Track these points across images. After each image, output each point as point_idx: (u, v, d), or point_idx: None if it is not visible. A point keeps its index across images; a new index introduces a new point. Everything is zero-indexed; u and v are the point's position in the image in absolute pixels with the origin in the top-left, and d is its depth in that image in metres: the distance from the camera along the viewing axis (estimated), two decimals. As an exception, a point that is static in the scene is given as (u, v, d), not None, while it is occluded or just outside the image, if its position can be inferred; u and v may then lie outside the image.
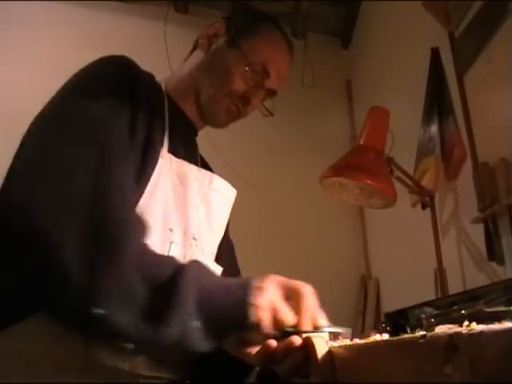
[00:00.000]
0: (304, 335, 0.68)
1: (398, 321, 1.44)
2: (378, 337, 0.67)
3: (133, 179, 0.81)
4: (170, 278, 0.67)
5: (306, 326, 0.68)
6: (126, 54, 0.94)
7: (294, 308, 0.70)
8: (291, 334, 0.68)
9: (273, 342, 0.68)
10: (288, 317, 0.68)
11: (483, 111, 1.72)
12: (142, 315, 0.65)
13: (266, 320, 0.67)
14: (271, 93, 1.08)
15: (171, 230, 0.88)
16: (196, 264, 0.73)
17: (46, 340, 0.71)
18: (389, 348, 0.51)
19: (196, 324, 0.66)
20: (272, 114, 1.11)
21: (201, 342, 0.67)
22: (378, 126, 1.77)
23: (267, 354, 0.69)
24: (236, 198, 1.08)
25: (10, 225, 0.68)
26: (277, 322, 0.68)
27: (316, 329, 0.69)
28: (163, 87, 1.02)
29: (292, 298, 0.70)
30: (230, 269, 1.04)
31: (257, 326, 0.67)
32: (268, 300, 0.68)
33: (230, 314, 0.67)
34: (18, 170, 0.74)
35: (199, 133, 1.11)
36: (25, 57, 2.35)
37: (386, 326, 1.29)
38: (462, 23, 1.84)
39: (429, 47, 2.05)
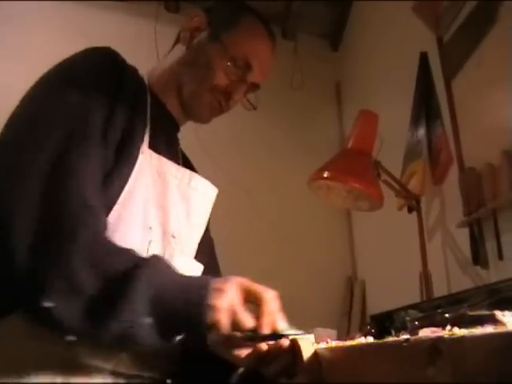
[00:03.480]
0: (290, 337, 0.68)
1: (383, 323, 1.44)
2: (362, 340, 0.67)
3: (97, 171, 0.78)
4: (125, 271, 0.66)
5: (266, 329, 0.68)
6: (117, 51, 0.93)
7: (254, 311, 0.69)
8: (252, 337, 0.68)
9: (263, 346, 0.68)
10: (247, 320, 0.68)
11: (471, 116, 1.74)
12: (88, 308, 0.64)
13: (223, 322, 0.67)
14: (254, 87, 1.06)
15: (150, 228, 0.87)
16: (155, 259, 0.72)
17: (25, 339, 0.69)
18: (374, 350, 0.52)
19: (147, 320, 0.65)
20: (255, 108, 1.10)
21: (152, 338, 0.66)
22: (367, 130, 1.78)
23: (258, 357, 0.69)
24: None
25: None
26: (235, 325, 0.68)
27: (275, 332, 0.69)
28: (146, 81, 1.00)
29: (253, 301, 0.70)
30: (209, 264, 1.03)
31: (214, 328, 0.67)
32: (227, 302, 0.67)
33: (185, 313, 0.67)
34: None
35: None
36: (17, 54, 2.33)
37: (371, 328, 1.29)
38: (452, 27, 1.85)
39: (418, 51, 2.07)
